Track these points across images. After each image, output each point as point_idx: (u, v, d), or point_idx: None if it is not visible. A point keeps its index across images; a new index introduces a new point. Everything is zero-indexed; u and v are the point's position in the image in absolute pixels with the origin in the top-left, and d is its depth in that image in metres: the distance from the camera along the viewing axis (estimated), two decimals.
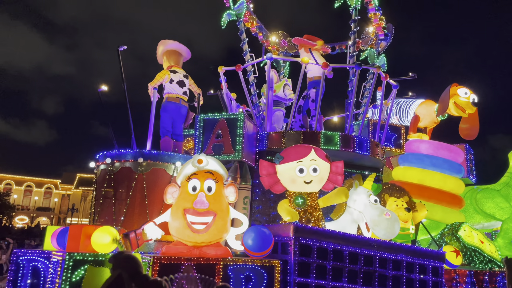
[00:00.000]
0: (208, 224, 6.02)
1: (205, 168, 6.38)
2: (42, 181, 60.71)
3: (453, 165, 9.85)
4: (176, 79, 8.57)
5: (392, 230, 7.60)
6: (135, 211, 6.81)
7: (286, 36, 12.49)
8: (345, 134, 8.60)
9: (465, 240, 8.91)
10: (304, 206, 7.23)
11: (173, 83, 8.54)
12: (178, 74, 8.71)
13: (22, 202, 58.54)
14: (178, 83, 8.56)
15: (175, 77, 8.57)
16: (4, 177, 57.48)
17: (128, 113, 7.75)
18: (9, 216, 39.00)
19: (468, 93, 10.07)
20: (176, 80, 8.56)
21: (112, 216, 6.81)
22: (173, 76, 8.56)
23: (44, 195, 60.71)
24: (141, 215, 6.76)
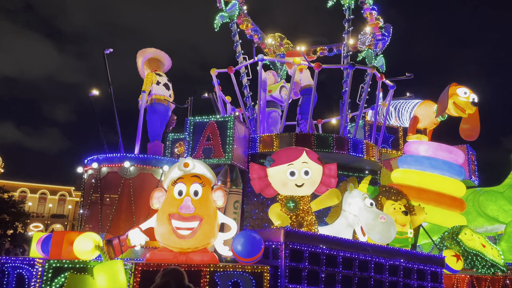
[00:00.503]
0: (194, 229, 5.89)
1: (191, 172, 6.26)
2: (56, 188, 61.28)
3: (453, 166, 9.61)
4: (162, 81, 8.55)
5: (387, 234, 7.40)
6: (121, 217, 6.71)
7: (283, 38, 12.39)
8: (339, 136, 8.44)
9: (466, 244, 8.67)
10: (296, 210, 7.07)
11: (160, 85, 8.50)
12: (162, 77, 8.70)
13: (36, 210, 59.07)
14: (164, 86, 8.52)
15: (160, 79, 8.56)
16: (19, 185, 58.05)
17: (115, 117, 7.67)
18: (24, 224, 39.35)
19: (468, 92, 9.85)
20: (162, 82, 8.54)
21: (99, 222, 6.70)
22: (159, 78, 8.54)
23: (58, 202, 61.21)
24: (127, 221, 6.65)
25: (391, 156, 10.30)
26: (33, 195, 59.35)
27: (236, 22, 9.62)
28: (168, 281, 3.61)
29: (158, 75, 8.67)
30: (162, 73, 8.85)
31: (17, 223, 37.59)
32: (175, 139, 8.88)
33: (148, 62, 8.77)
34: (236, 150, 7.61)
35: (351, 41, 12.18)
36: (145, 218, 6.52)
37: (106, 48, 7.85)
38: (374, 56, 11.46)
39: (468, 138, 10.27)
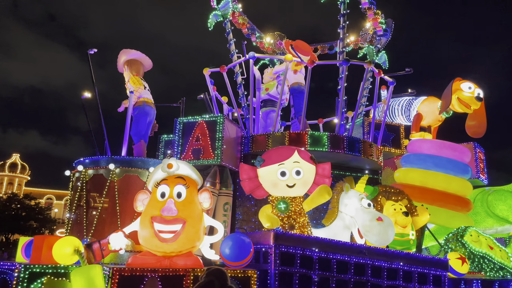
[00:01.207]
0: (177, 232, 5.71)
1: (175, 173, 6.10)
2: None
3: (458, 165, 9.24)
4: (147, 86, 8.57)
5: (385, 236, 7.10)
6: (106, 220, 6.59)
7: (283, 37, 12.16)
8: (334, 134, 8.17)
9: (472, 246, 8.29)
10: (287, 212, 6.83)
11: (146, 89, 8.49)
12: (145, 83, 8.79)
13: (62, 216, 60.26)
14: (148, 90, 8.53)
15: (145, 84, 8.58)
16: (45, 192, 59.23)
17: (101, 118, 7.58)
18: (51, 230, 40.22)
19: (473, 87, 9.48)
20: (147, 87, 8.55)
21: (84, 226, 6.59)
22: (144, 83, 8.55)
23: None
24: (112, 224, 6.52)
25: (393, 155, 9.97)
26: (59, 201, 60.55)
27: (229, 21, 9.45)
28: (212, 280, 3.61)
29: (143, 80, 8.72)
30: (143, 78, 8.90)
31: (44, 229, 38.51)
32: (167, 141, 8.75)
33: (129, 63, 8.68)
34: (226, 151, 7.43)
35: (352, 38, 11.94)
36: (130, 221, 6.39)
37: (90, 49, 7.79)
38: (376, 53, 11.17)
39: (474, 135, 9.89)
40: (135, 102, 8.43)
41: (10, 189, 52.12)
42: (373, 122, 8.85)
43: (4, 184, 55.58)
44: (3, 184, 55.65)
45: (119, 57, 8.94)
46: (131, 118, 8.43)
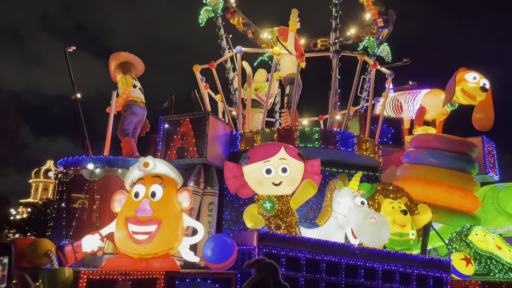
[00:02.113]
0: (152, 233, 5.53)
1: (152, 172, 5.92)
2: None
3: (464, 160, 8.75)
4: (138, 85, 8.44)
5: (378, 235, 6.76)
6: (85, 222, 6.48)
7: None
8: (325, 130, 7.85)
9: (477, 245, 7.83)
10: (273, 211, 6.57)
11: (136, 88, 8.40)
12: (137, 81, 8.67)
13: None
14: (140, 90, 8.40)
15: (136, 83, 8.47)
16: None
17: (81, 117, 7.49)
18: None
19: (478, 77, 8.99)
20: (138, 86, 8.43)
21: (63, 228, 6.48)
22: (135, 82, 8.43)
23: None
24: (91, 226, 6.40)
25: (393, 151, 9.55)
26: None
27: (220, 16, 9.24)
28: (266, 276, 3.52)
29: (133, 79, 8.58)
30: (135, 78, 8.77)
31: None
32: None
33: (121, 66, 8.62)
34: (212, 148, 7.22)
35: (353, 31, 11.57)
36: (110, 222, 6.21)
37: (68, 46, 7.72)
38: (377, 45, 10.76)
39: (482, 128, 9.40)
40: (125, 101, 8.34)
41: (45, 194, 53.47)
42: (369, 116, 8.46)
43: (40, 190, 57.23)
44: (38, 190, 57.37)
45: (110, 63, 8.85)
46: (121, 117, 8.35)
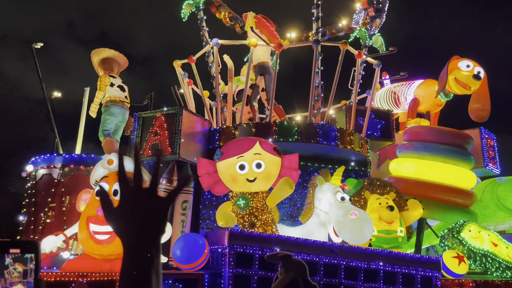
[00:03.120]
0: (113, 233, 5.31)
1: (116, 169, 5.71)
2: None
3: (459, 153, 8.35)
4: (116, 83, 8.36)
5: (360, 232, 6.46)
6: (53, 222, 6.33)
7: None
8: (305, 123, 7.57)
9: (471, 243, 7.44)
10: (248, 208, 6.32)
11: (114, 87, 8.30)
12: (116, 79, 8.59)
13: None
14: (119, 87, 8.27)
15: (114, 81, 8.39)
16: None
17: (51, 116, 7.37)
18: None
19: (471, 65, 8.58)
20: (117, 84, 8.33)
21: (32, 229, 6.35)
22: (112, 80, 8.36)
23: None
24: (59, 226, 6.26)
25: (383, 145, 9.20)
26: None
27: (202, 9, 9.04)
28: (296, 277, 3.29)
29: (112, 77, 8.51)
30: (116, 75, 8.72)
31: None
32: None
33: (102, 63, 8.54)
34: (186, 145, 7.02)
35: (344, 22, 11.26)
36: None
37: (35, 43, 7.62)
38: (369, 36, 10.42)
39: (478, 119, 8.98)
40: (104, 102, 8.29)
41: None
42: (353, 108, 8.13)
43: None
44: None
45: (92, 59, 8.80)
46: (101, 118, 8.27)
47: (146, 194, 1.42)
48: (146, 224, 1.38)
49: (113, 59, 8.75)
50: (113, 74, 8.58)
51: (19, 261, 3.22)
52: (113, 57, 8.72)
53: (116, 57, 8.80)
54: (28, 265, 3.37)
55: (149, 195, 1.42)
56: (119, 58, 8.85)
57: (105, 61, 8.66)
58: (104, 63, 8.60)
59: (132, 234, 1.36)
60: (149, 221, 1.38)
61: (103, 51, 8.73)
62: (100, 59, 8.66)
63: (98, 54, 8.70)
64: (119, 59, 8.86)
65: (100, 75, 8.50)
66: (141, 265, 1.32)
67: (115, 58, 8.76)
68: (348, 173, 8.28)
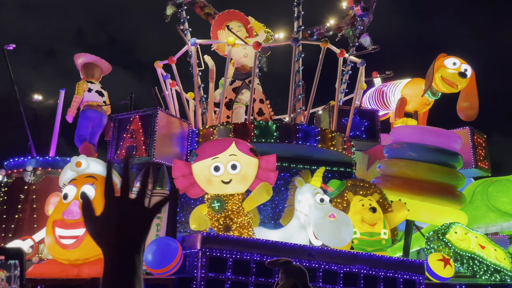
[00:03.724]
0: (79, 237, 5.21)
1: (85, 172, 5.61)
2: None
3: (445, 153, 8.18)
4: (94, 88, 8.43)
5: (338, 235, 6.31)
6: (24, 227, 6.22)
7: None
8: (285, 124, 7.44)
9: (457, 245, 7.26)
10: (223, 211, 6.17)
11: (92, 92, 8.37)
12: (95, 84, 8.68)
13: None
14: (97, 92, 8.29)
15: (92, 86, 8.47)
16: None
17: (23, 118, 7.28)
18: None
19: (458, 63, 8.41)
20: (95, 89, 8.39)
21: (1, 234, 6.24)
22: (90, 85, 8.42)
23: None
24: (30, 231, 6.14)
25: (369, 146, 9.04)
26: None
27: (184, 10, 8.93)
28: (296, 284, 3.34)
29: (90, 83, 8.58)
30: (94, 81, 8.78)
31: None
32: None
33: (83, 68, 8.60)
34: (162, 147, 6.90)
35: (332, 21, 11.14)
36: None
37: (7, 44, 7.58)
38: (357, 35, 10.30)
39: (467, 118, 8.82)
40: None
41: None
42: (336, 108, 7.97)
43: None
44: None
45: (75, 62, 8.86)
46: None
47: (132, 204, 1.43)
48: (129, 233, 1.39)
49: (95, 64, 8.82)
50: (92, 79, 8.66)
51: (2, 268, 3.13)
52: (95, 62, 8.78)
53: (98, 62, 8.86)
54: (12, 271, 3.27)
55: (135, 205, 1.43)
56: (101, 63, 8.91)
57: (87, 66, 8.76)
58: (86, 68, 8.70)
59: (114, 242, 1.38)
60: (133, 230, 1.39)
61: (85, 56, 8.78)
62: (82, 64, 8.73)
63: (80, 58, 8.76)
64: (101, 64, 8.92)
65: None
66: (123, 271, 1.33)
67: (96, 63, 8.84)
68: (332, 174, 8.13)
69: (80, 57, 8.64)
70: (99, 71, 8.81)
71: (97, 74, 8.75)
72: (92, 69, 8.67)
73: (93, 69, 8.68)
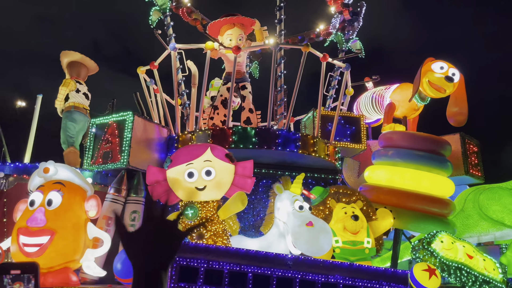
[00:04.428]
0: (43, 245, 5.10)
1: (53, 178, 5.52)
2: None
3: (433, 159, 7.98)
4: (82, 90, 8.28)
5: (315, 244, 6.14)
6: None
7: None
8: (265, 129, 7.29)
9: (443, 254, 7.03)
10: (196, 218, 6.04)
11: (79, 93, 8.21)
12: (83, 86, 8.56)
13: None
14: (84, 95, 8.16)
15: (81, 88, 8.30)
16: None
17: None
18: None
19: (446, 67, 8.23)
20: (82, 91, 8.24)
21: None
22: (79, 86, 8.27)
23: None
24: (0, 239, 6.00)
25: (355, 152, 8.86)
26: None
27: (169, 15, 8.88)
28: None
29: (78, 83, 8.42)
30: (82, 82, 8.67)
31: None
32: None
33: (70, 66, 8.45)
34: (138, 153, 6.80)
35: (322, 26, 11.06)
36: None
37: None
38: (346, 40, 10.19)
39: (456, 123, 8.61)
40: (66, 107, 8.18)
41: None
42: (318, 113, 7.81)
43: None
44: None
45: (61, 61, 8.73)
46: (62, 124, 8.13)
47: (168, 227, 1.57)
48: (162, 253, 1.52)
49: (82, 63, 8.71)
50: (79, 80, 8.52)
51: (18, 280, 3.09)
52: (81, 61, 8.66)
53: (85, 61, 8.74)
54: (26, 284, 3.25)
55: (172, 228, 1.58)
56: (88, 63, 8.80)
57: (73, 65, 8.62)
58: (72, 66, 8.55)
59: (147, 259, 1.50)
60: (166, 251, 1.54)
61: (73, 54, 8.67)
62: (68, 62, 8.60)
63: (67, 56, 8.64)
64: (88, 64, 8.80)
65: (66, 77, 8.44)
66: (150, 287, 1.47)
67: (83, 62, 8.72)
68: (316, 181, 7.97)
69: (66, 55, 8.52)
70: (86, 70, 8.70)
71: (83, 73, 8.63)
72: (79, 68, 8.55)
73: (79, 68, 8.55)
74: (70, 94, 8.12)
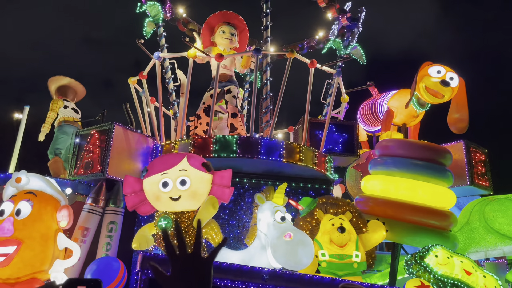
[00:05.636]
0: (9, 255, 5.10)
1: (24, 187, 5.55)
2: None
3: (431, 168, 7.59)
4: (70, 106, 8.55)
5: (294, 257, 5.92)
6: None
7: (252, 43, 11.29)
8: (247, 137, 7.13)
9: (437, 270, 6.62)
10: (170, 230, 5.91)
11: (67, 109, 8.51)
12: (70, 103, 8.88)
13: None
14: (73, 109, 8.44)
15: (68, 104, 8.65)
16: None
17: None
18: None
19: (443, 71, 7.88)
20: (70, 107, 8.50)
21: None
22: (66, 103, 8.64)
23: None
24: None
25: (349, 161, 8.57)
26: None
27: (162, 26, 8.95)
28: None
29: (65, 101, 8.93)
30: (69, 100, 9.01)
31: None
32: None
33: (57, 90, 8.78)
34: (118, 163, 6.79)
35: (321, 34, 10.93)
36: None
37: None
38: (345, 47, 9.99)
39: (458, 130, 8.22)
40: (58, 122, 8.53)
41: None
42: (306, 120, 7.58)
43: None
44: None
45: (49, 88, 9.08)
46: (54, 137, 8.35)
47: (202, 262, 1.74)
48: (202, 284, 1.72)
49: (69, 86, 9.01)
50: (66, 98, 8.84)
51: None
52: (69, 84, 8.96)
53: (73, 85, 9.04)
54: None
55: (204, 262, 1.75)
56: (76, 86, 9.09)
57: (61, 88, 8.94)
58: (59, 90, 8.87)
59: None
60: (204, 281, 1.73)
61: (60, 78, 8.97)
62: (56, 87, 8.92)
63: (55, 82, 8.97)
64: (76, 87, 9.10)
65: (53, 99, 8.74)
66: None
67: (71, 86, 9.02)
68: (306, 191, 7.75)
69: (54, 80, 8.83)
70: (74, 93, 9.03)
71: (71, 95, 8.98)
72: (66, 91, 8.91)
73: (67, 91, 8.92)
74: (59, 111, 8.47)
